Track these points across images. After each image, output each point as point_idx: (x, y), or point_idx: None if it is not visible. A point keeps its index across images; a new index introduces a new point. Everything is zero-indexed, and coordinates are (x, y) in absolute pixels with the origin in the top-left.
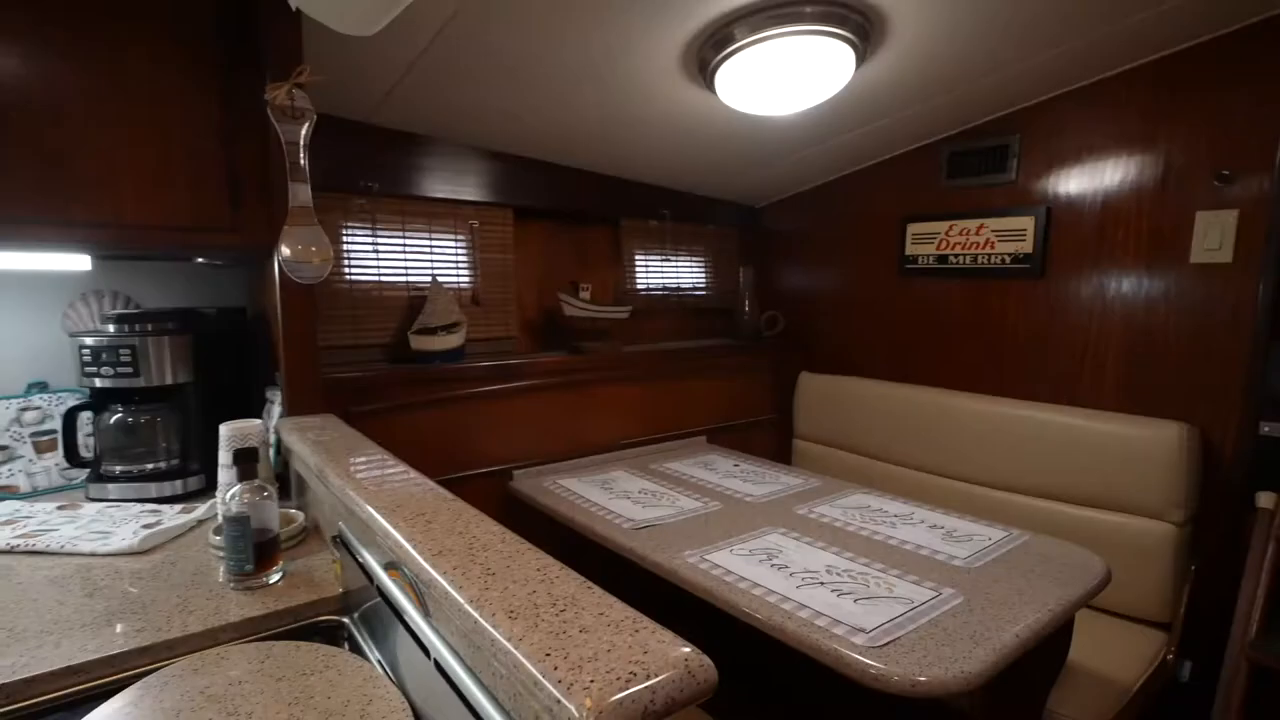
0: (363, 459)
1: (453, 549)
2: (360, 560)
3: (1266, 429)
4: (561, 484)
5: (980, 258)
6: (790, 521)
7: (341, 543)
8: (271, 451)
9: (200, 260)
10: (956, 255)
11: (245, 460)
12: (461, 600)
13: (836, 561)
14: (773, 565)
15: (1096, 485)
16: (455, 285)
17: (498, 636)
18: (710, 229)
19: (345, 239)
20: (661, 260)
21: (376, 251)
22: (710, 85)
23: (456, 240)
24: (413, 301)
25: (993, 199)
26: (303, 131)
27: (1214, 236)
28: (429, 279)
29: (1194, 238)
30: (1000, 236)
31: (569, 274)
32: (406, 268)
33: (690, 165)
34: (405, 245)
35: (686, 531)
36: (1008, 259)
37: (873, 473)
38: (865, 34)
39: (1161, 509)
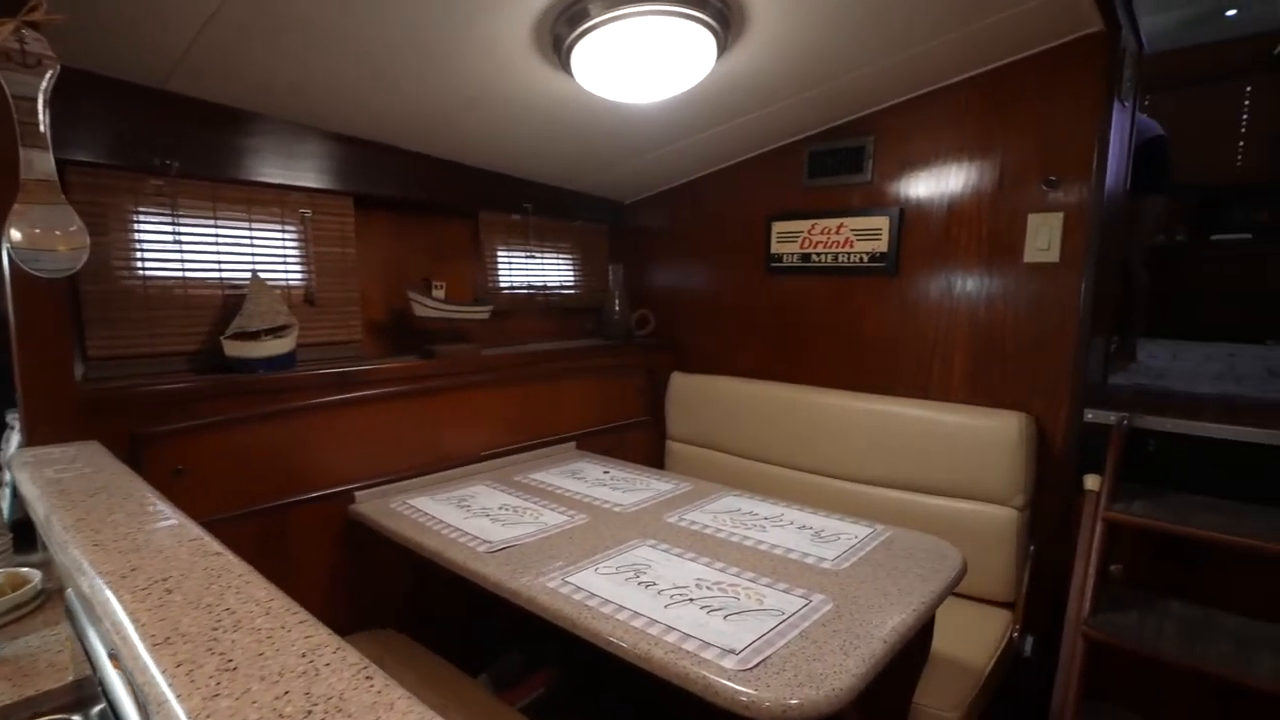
0: (108, 501)
1: (189, 631)
2: (86, 643)
3: (1090, 416)
4: (412, 504)
5: (841, 256)
6: (660, 532)
7: (70, 616)
8: (8, 492)
9: None
10: (819, 254)
11: None
12: (179, 712)
13: (707, 574)
14: (640, 583)
15: (948, 475)
16: (284, 283)
17: None
18: (577, 225)
19: (137, 227)
20: (526, 257)
21: (179, 242)
22: (566, 66)
23: (284, 231)
24: (229, 301)
25: (851, 199)
26: (41, 85)
27: (1043, 238)
28: (249, 275)
29: (1026, 239)
30: (859, 236)
31: (422, 271)
32: (220, 262)
33: (552, 156)
34: (218, 236)
35: (549, 550)
36: (866, 258)
37: (745, 472)
38: (725, 20)
39: (1005, 495)
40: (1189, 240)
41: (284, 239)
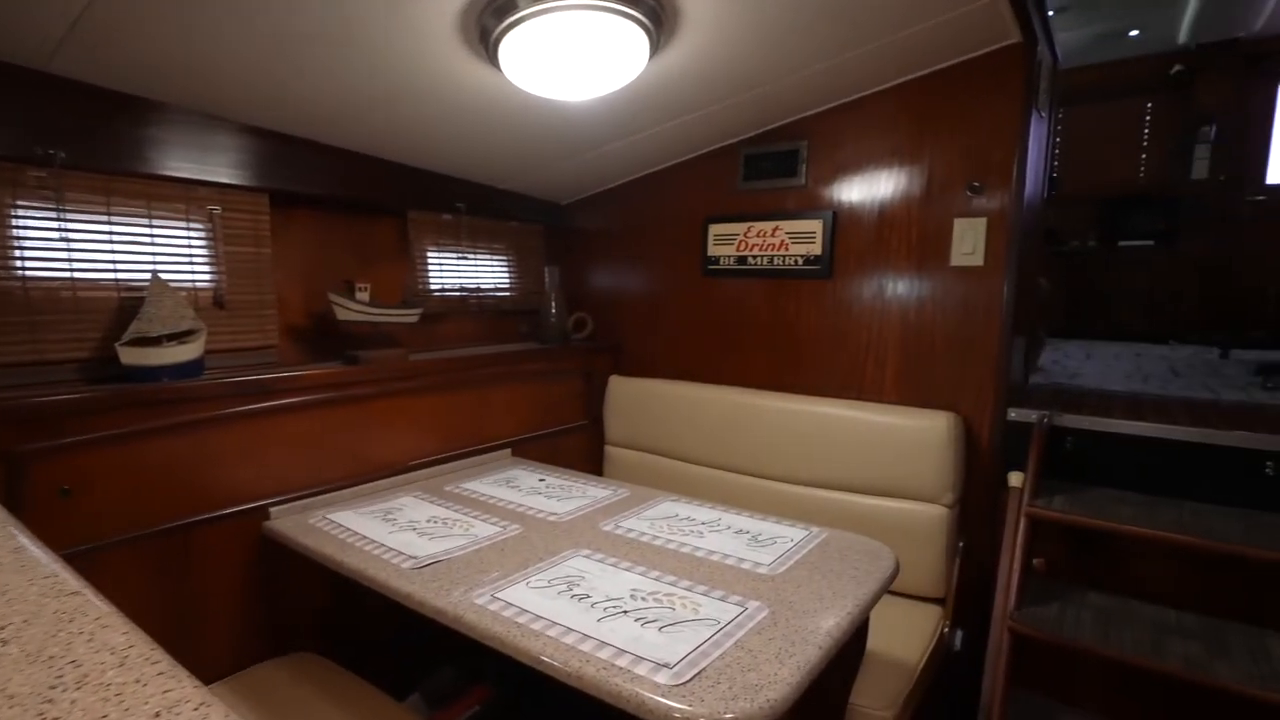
0: None
1: (19, 693)
2: None
3: (1013, 415)
4: (332, 519)
5: (776, 259)
6: (595, 541)
7: None
8: None
9: None
10: (755, 256)
11: None
12: None
13: (642, 584)
14: (573, 596)
15: (881, 475)
16: (190, 285)
17: None
18: (513, 225)
19: (15, 223)
20: (458, 258)
21: (66, 240)
22: (494, 59)
23: (190, 229)
24: (126, 304)
25: (786, 202)
26: None
27: (968, 242)
28: (149, 276)
29: (953, 243)
30: (793, 238)
31: (346, 272)
32: (115, 262)
33: (484, 154)
34: (112, 233)
35: (479, 564)
36: (800, 260)
37: (684, 476)
38: (658, 19)
39: (935, 493)
40: (1099, 246)
41: (189, 237)
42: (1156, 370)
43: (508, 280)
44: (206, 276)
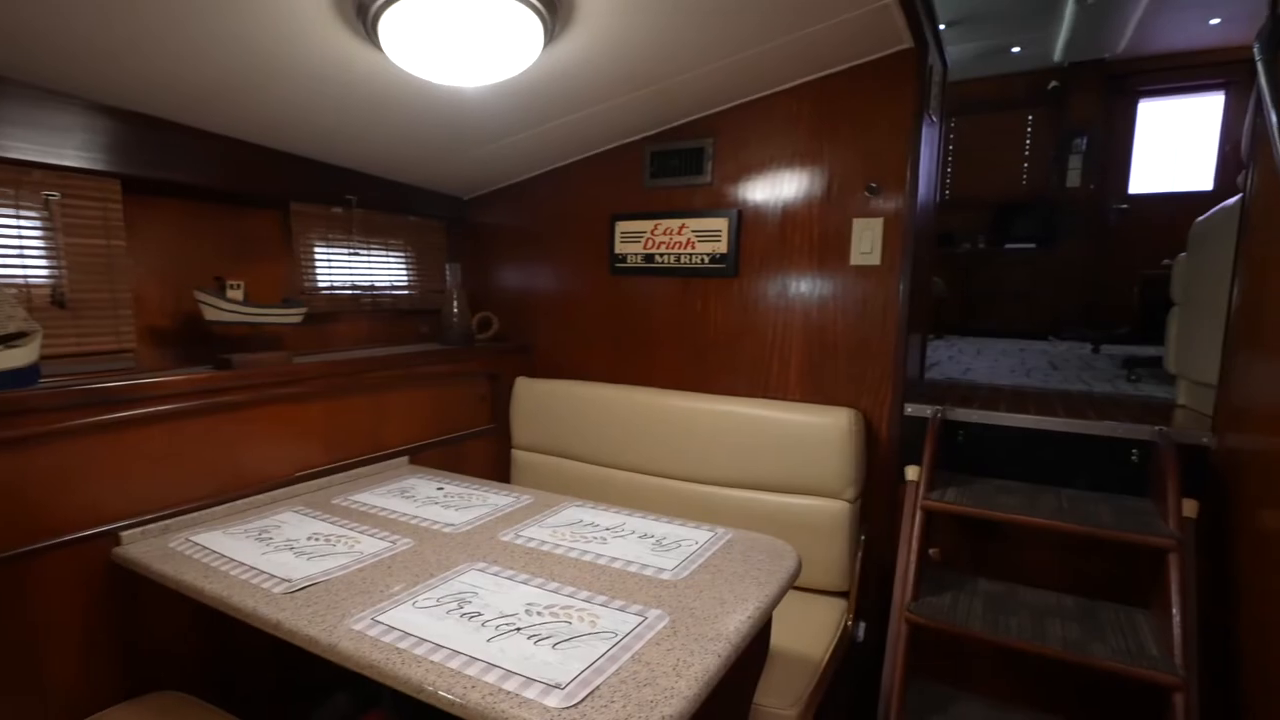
0: None
1: None
2: None
3: (910, 410)
4: (197, 541)
5: (683, 257)
6: (492, 552)
7: None
8: None
9: None
10: (662, 254)
11: None
12: None
13: (539, 597)
14: (464, 615)
15: (786, 472)
16: (21, 281)
17: None
18: (411, 220)
19: None
20: (349, 254)
21: None
22: (374, 38)
23: (20, 218)
24: None
25: (693, 200)
26: None
27: (866, 241)
28: None
29: (852, 242)
30: (700, 237)
31: (218, 268)
32: None
33: (375, 143)
34: None
35: (361, 584)
36: (706, 259)
37: (592, 479)
38: (552, 4)
39: (837, 488)
40: (987, 248)
41: (20, 228)
42: (1038, 365)
43: (406, 278)
44: (42, 272)
